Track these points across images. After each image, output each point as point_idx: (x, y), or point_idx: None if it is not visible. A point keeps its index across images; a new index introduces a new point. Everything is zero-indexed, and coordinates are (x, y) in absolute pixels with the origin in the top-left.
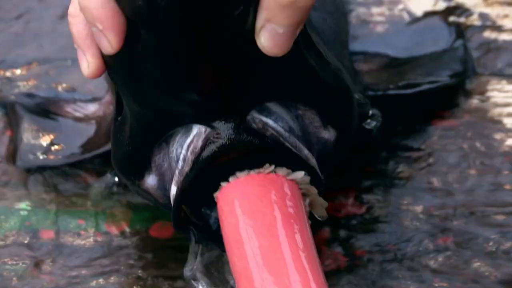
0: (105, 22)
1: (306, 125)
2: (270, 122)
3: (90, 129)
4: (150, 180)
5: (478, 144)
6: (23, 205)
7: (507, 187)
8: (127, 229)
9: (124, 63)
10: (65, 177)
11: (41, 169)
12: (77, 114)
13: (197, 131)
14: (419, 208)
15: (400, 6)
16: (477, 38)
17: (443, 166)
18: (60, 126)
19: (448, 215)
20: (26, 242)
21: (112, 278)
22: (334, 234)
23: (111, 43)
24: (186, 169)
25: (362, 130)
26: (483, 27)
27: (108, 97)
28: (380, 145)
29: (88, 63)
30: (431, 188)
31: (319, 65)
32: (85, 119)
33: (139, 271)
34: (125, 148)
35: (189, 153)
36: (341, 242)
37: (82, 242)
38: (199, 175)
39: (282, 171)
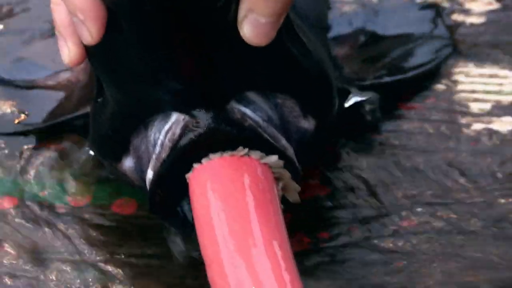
0: (86, 12)
1: (285, 114)
2: (248, 112)
3: (60, 95)
4: (127, 162)
5: (443, 128)
6: None
7: None
8: (89, 203)
9: (104, 51)
10: (33, 148)
11: (10, 134)
12: (49, 82)
13: (176, 118)
14: (382, 191)
15: None
16: (444, 21)
17: (409, 149)
18: (30, 95)
19: (413, 198)
20: None
21: (70, 256)
22: (298, 215)
23: (91, 34)
24: (163, 155)
25: (355, 114)
26: (451, 11)
27: (83, 64)
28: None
29: (69, 51)
30: (392, 172)
31: (301, 53)
32: (57, 86)
33: (100, 248)
34: (104, 131)
35: (167, 139)
36: (305, 224)
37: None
38: (176, 161)
39: (256, 154)
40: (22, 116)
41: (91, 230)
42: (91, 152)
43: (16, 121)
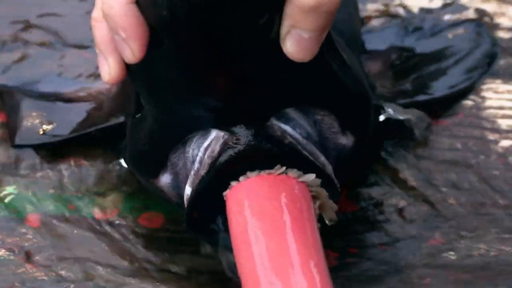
0: (128, 30)
1: (324, 130)
2: (288, 129)
3: (90, 106)
4: (165, 179)
5: (471, 144)
6: (11, 189)
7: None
8: (116, 217)
9: (145, 68)
10: (57, 161)
11: (39, 146)
12: (80, 94)
13: (215, 134)
14: (410, 208)
15: (396, 2)
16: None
17: (437, 165)
18: (59, 106)
19: (438, 216)
20: (12, 226)
21: (98, 266)
22: (325, 230)
23: (133, 52)
24: (202, 172)
25: (389, 130)
26: None
27: None
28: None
29: (110, 69)
30: (423, 188)
31: (340, 69)
32: (88, 97)
33: (126, 261)
34: (142, 147)
35: (206, 156)
36: (333, 240)
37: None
38: (215, 178)
39: (293, 172)
40: (50, 126)
41: (117, 243)
42: (124, 165)
43: (41, 131)
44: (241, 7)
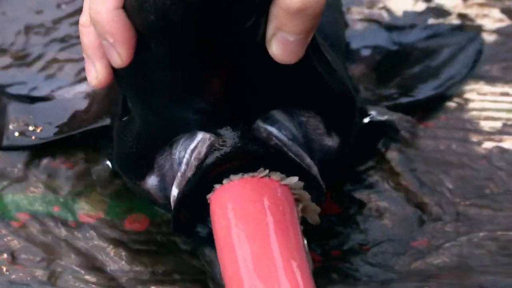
0: (115, 35)
1: (309, 132)
2: (274, 131)
3: (78, 106)
4: (151, 181)
5: (454, 146)
6: None
7: None
8: (102, 219)
9: (132, 73)
10: (43, 163)
11: (25, 148)
12: (66, 95)
13: (202, 137)
14: (394, 210)
15: (380, 5)
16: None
17: (420, 166)
18: (45, 108)
19: (422, 217)
20: None
21: (83, 271)
22: (309, 232)
23: (121, 57)
24: (189, 173)
25: (372, 133)
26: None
27: None
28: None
29: (97, 73)
30: (406, 189)
31: (326, 71)
32: (74, 99)
33: (112, 264)
34: (129, 149)
35: (192, 158)
36: (316, 241)
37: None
38: (201, 180)
39: (276, 175)
40: (36, 128)
41: (102, 246)
42: (110, 167)
43: (27, 134)
44: (228, 9)
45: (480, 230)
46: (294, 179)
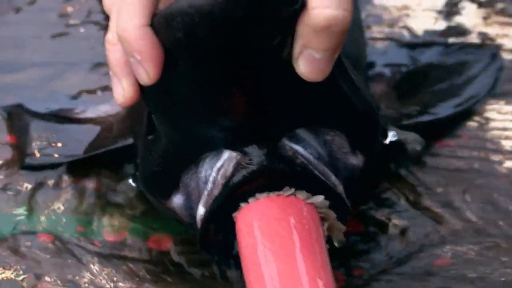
0: (143, 53)
1: (334, 150)
2: (300, 149)
3: (98, 128)
4: (177, 199)
5: (476, 165)
6: (21, 210)
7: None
8: (126, 239)
9: (159, 90)
10: (66, 182)
11: (48, 167)
12: (88, 115)
13: (228, 155)
14: (415, 229)
15: (400, 24)
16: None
17: (441, 185)
18: (67, 128)
19: (444, 236)
20: (21, 248)
21: None
22: (331, 252)
23: (148, 74)
24: (216, 192)
25: (393, 152)
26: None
27: None
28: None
29: (124, 91)
30: (427, 209)
31: (350, 90)
32: (97, 119)
33: (136, 283)
34: (155, 167)
35: (219, 176)
36: (339, 261)
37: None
38: (228, 198)
39: (302, 194)
40: (59, 147)
41: (127, 266)
42: (133, 185)
43: (49, 152)
44: (255, 27)
45: (502, 251)
46: (319, 198)
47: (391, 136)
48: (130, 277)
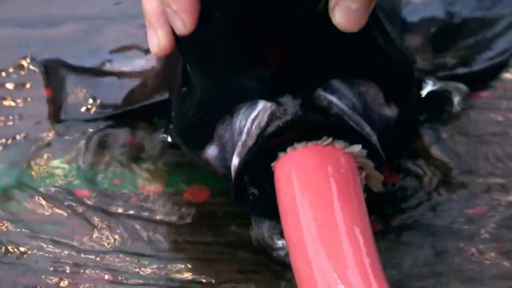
0: (179, 2)
1: (369, 102)
2: (335, 100)
3: (134, 83)
4: (211, 151)
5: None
6: (60, 162)
7: None
8: (162, 191)
9: (195, 40)
10: (102, 136)
11: (84, 122)
12: (124, 69)
13: (263, 106)
14: (452, 180)
15: None
16: None
17: (476, 138)
18: (103, 82)
19: (481, 186)
20: (60, 200)
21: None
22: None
23: (185, 24)
24: (250, 142)
25: (430, 104)
26: None
27: None
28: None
29: (159, 41)
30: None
31: (385, 41)
32: (132, 73)
33: (173, 235)
34: (190, 119)
35: (253, 127)
36: (376, 210)
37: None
38: (262, 148)
39: (340, 144)
40: (95, 102)
41: (164, 217)
42: (166, 137)
43: (85, 107)
44: None
45: None
46: (357, 147)
47: (429, 87)
48: (167, 229)
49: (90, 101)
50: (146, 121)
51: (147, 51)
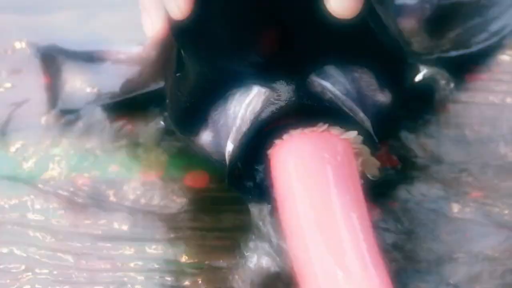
0: None
1: (363, 87)
2: (328, 85)
3: (131, 71)
4: (205, 136)
5: (508, 100)
6: (58, 150)
7: None
8: (161, 178)
9: (189, 25)
10: (99, 124)
11: (82, 109)
12: (120, 56)
13: (257, 91)
14: (451, 162)
15: None
16: None
17: (472, 120)
18: (100, 70)
19: (477, 171)
20: (57, 187)
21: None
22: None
23: (180, 8)
24: (244, 128)
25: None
26: None
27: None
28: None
29: (153, 25)
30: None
31: (378, 28)
32: (128, 61)
33: (173, 221)
34: (184, 104)
35: (248, 112)
36: (374, 194)
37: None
38: (256, 134)
39: (335, 130)
40: (92, 90)
41: (163, 203)
42: (163, 124)
43: (83, 95)
44: None
45: None
46: (353, 133)
47: (425, 71)
48: (166, 215)
49: (88, 89)
50: (143, 109)
51: (143, 39)
